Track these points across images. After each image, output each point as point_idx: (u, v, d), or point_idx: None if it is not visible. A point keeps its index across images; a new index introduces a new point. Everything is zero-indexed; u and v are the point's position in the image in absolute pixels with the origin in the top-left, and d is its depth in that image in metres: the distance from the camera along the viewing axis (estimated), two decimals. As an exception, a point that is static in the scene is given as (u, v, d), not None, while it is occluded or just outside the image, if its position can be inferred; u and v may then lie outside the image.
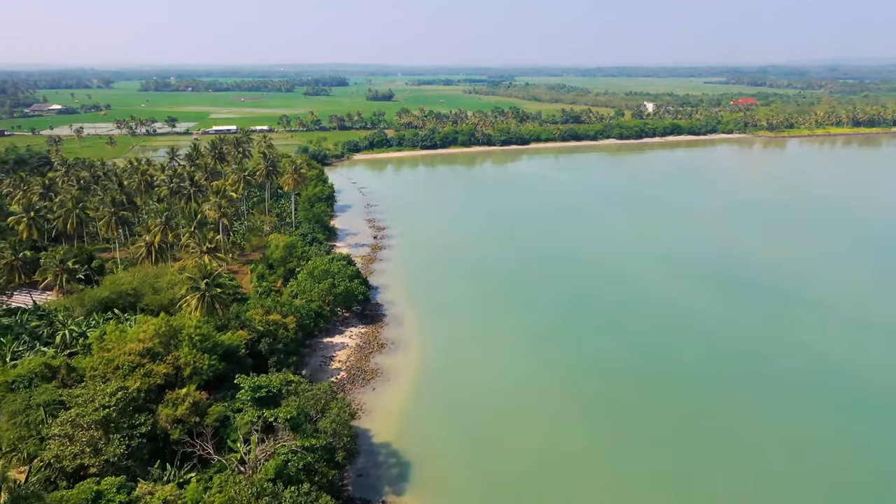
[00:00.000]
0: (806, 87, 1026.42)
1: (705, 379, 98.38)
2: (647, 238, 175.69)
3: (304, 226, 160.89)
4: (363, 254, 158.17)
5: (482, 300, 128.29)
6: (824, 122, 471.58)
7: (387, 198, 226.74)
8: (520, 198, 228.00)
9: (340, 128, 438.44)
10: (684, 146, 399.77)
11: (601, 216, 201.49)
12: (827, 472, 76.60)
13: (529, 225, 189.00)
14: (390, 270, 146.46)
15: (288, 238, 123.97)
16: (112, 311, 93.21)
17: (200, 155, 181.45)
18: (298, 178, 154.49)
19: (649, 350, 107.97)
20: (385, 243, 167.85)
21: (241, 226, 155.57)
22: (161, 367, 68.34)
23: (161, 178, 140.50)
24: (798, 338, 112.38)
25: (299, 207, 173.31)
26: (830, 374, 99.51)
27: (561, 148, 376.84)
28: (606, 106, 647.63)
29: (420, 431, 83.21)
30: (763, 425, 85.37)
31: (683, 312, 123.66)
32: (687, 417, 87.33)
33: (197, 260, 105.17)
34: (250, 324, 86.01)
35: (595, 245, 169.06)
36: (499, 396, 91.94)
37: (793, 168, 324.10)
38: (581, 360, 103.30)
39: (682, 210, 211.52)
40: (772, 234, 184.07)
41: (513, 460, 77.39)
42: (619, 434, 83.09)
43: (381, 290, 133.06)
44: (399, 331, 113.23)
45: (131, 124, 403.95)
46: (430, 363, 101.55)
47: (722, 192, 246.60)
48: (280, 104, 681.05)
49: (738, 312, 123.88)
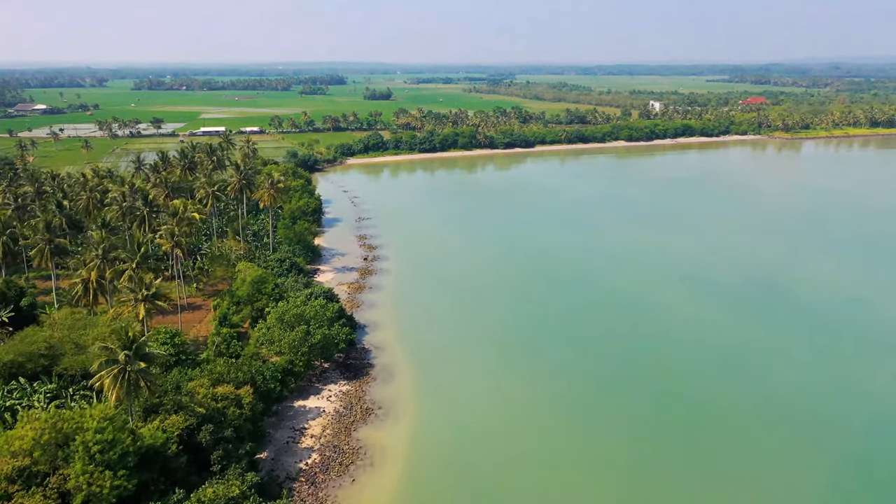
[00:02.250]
0: (812, 86, 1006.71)
1: (761, 437, 78.51)
2: (673, 258, 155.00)
3: (283, 248, 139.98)
4: (351, 280, 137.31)
5: (490, 343, 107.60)
6: (841, 123, 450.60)
7: (381, 209, 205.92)
8: (527, 210, 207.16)
9: (335, 129, 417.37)
10: (696, 148, 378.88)
11: (618, 233, 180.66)
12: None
13: (539, 244, 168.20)
14: (381, 302, 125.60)
15: (256, 271, 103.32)
16: (17, 379, 72.48)
17: (169, 164, 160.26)
18: (276, 193, 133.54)
19: (693, 399, 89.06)
20: (377, 266, 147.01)
21: (210, 248, 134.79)
22: (36, 500, 47.57)
23: (114, 194, 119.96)
24: (860, 381, 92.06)
25: (280, 224, 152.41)
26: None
27: (567, 151, 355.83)
28: (611, 105, 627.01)
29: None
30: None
31: (729, 352, 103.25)
32: (742, 488, 67.46)
33: (132, 308, 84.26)
34: (189, 404, 65.20)
35: (614, 268, 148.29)
36: (518, 488, 71.23)
37: (822, 173, 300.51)
38: (615, 422, 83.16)
39: (710, 225, 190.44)
40: (816, 252, 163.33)
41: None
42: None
43: (369, 330, 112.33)
44: (389, 389, 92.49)
45: (113, 126, 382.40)
46: (426, 439, 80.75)
47: (749, 202, 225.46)
48: (275, 103, 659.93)
49: (789, 348, 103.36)
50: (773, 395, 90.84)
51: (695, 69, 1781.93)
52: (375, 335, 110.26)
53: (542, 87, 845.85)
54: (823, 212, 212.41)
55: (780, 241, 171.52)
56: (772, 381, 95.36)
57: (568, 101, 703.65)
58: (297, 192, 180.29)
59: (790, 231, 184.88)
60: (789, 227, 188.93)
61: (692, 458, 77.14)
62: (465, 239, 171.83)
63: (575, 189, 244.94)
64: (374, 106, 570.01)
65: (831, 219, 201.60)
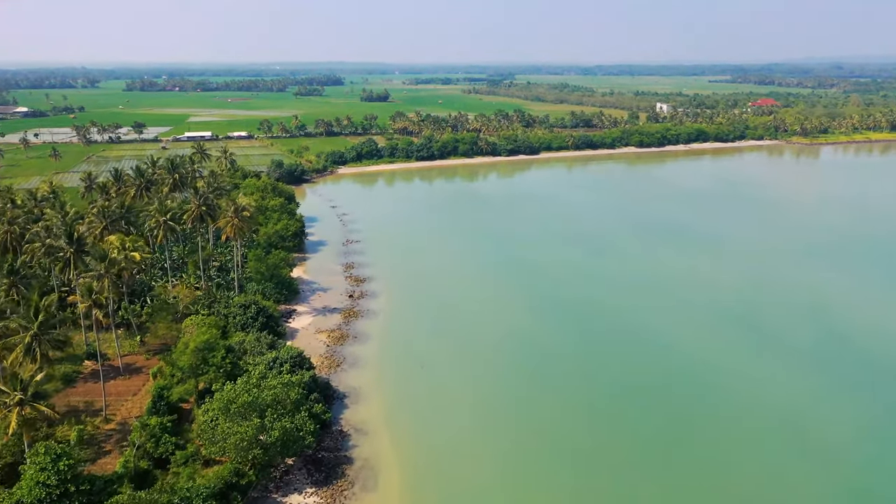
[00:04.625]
0: (818, 86, 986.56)
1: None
2: (712, 292, 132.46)
3: (250, 287, 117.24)
4: (332, 325, 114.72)
5: (507, 430, 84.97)
6: (860, 127, 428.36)
7: (372, 228, 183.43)
8: (537, 229, 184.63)
9: (328, 133, 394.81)
10: (711, 154, 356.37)
11: (642, 258, 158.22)
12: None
13: (558, 276, 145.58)
14: (367, 359, 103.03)
15: (203, 334, 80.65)
16: None
17: (122, 184, 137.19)
18: (240, 223, 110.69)
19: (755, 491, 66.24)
20: (364, 306, 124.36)
21: (162, 287, 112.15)
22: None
23: (36, 228, 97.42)
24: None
25: (251, 256, 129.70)
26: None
27: (575, 158, 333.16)
28: (616, 107, 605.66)
29: None
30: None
31: (792, 424, 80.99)
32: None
33: (5, 413, 61.04)
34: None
35: (646, 306, 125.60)
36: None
37: (859, 184, 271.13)
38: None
39: (748, 248, 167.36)
40: (883, 284, 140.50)
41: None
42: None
43: (349, 402, 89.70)
44: (372, 498, 69.99)
45: (91, 130, 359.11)
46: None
47: (786, 219, 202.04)
48: (269, 105, 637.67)
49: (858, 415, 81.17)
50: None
51: (695, 69, 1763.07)
52: (357, 410, 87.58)
53: (544, 88, 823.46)
54: (875, 231, 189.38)
55: (834, 270, 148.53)
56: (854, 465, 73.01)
57: (570, 102, 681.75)
58: (275, 213, 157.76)
59: (841, 256, 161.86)
60: (840, 252, 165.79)
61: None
62: (468, 268, 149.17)
63: (587, 203, 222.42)
64: (371, 108, 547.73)
65: (887, 241, 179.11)
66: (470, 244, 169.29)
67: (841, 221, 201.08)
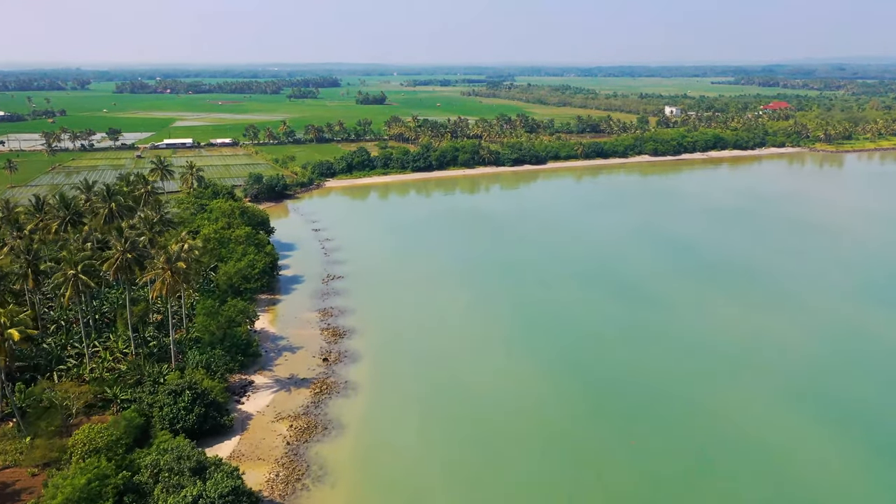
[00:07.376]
0: (824, 88, 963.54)
1: None
2: (787, 365, 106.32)
3: (192, 357, 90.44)
4: (298, 407, 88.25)
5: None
6: (885, 132, 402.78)
7: (359, 257, 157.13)
8: (556, 263, 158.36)
9: (318, 140, 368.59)
10: (730, 163, 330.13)
11: (682, 305, 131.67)
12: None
13: (587, 331, 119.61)
14: (339, 467, 76.53)
15: (81, 476, 53.50)
16: None
17: (43, 216, 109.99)
18: (177, 278, 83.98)
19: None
20: (341, 374, 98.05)
21: (47, 383, 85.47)
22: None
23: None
24: None
25: (200, 308, 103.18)
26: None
27: (584, 168, 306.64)
28: (622, 110, 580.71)
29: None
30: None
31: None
32: None
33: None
34: None
35: (701, 384, 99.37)
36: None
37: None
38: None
39: (810, 292, 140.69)
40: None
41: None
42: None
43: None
44: None
45: (63, 137, 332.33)
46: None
47: (844, 250, 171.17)
48: (260, 108, 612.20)
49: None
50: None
51: (697, 70, 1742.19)
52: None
53: (545, 91, 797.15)
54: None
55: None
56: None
57: (573, 105, 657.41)
58: (239, 247, 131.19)
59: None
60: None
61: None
62: (474, 321, 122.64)
63: (603, 225, 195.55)
64: (366, 112, 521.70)
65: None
66: (477, 284, 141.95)
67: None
